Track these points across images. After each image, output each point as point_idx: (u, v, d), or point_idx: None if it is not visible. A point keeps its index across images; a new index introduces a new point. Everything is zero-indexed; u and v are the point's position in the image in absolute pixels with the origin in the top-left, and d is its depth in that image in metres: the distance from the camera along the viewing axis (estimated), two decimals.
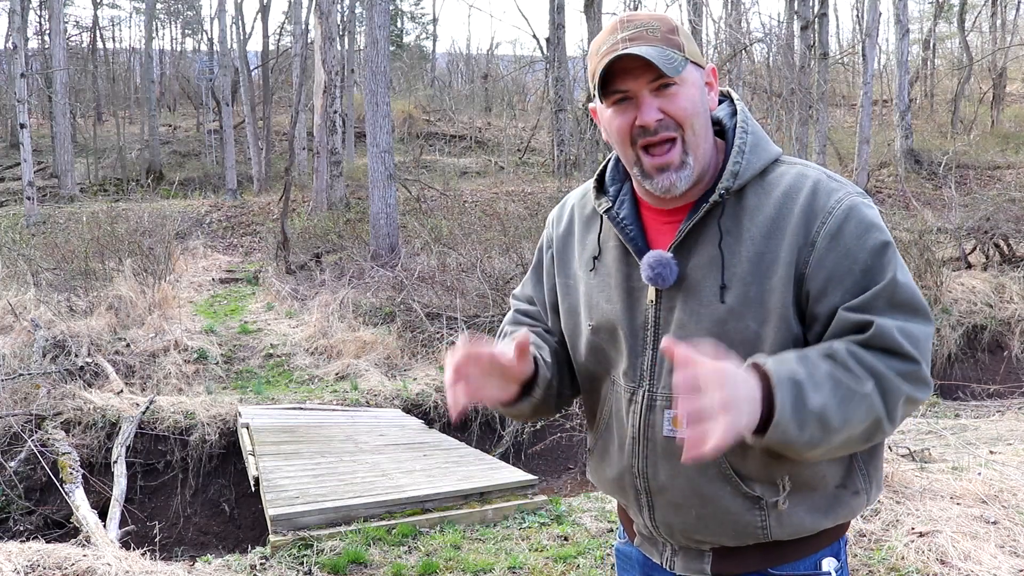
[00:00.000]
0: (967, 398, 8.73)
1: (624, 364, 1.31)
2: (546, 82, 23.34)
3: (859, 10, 23.23)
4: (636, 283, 1.28)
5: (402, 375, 8.34)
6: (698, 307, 1.22)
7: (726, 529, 1.25)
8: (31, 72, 22.47)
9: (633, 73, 1.19)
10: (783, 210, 1.20)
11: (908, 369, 1.12)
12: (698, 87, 1.24)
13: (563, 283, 1.42)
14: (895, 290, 1.15)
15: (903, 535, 3.48)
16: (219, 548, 5.68)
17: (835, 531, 1.29)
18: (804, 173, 1.23)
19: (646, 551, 1.41)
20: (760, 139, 1.27)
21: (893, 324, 1.13)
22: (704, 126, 1.24)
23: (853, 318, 1.14)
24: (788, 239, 1.18)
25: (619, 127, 1.23)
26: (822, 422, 1.07)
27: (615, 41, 1.20)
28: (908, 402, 1.14)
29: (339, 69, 18.04)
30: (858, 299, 1.15)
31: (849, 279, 1.15)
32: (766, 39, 17.80)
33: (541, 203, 14.62)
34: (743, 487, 1.22)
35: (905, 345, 1.12)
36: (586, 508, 4.61)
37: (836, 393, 1.08)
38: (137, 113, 28.50)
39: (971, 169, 17.55)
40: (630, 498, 1.34)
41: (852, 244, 1.16)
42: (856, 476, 1.26)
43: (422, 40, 40.56)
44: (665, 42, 1.20)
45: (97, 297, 9.59)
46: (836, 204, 1.18)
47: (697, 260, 1.23)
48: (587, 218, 1.40)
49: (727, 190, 1.21)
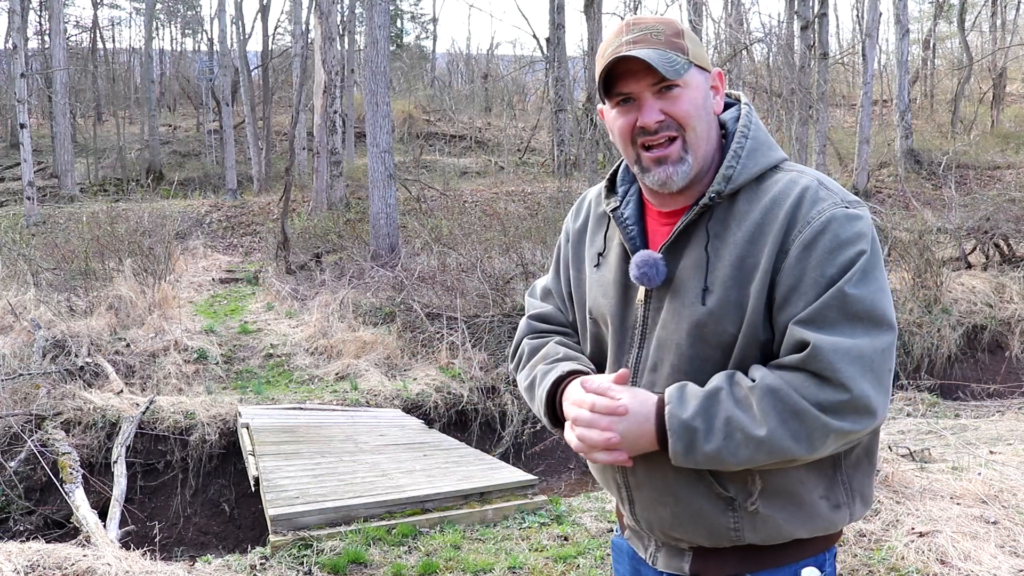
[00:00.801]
0: (967, 398, 8.73)
1: (611, 359, 1.35)
2: (546, 82, 23.35)
3: (859, 10, 23.23)
4: (631, 282, 1.31)
5: (402, 375, 8.34)
6: (681, 308, 1.23)
7: (700, 528, 1.26)
8: (31, 72, 22.48)
9: (636, 75, 1.22)
10: (768, 216, 1.20)
11: (836, 400, 1.10)
12: (701, 90, 1.25)
13: (575, 276, 1.47)
14: (847, 299, 1.12)
15: (903, 535, 3.48)
16: (219, 548, 5.68)
17: (818, 542, 1.28)
18: (796, 180, 1.23)
19: (634, 544, 1.45)
20: (761, 144, 1.27)
21: (833, 344, 1.10)
22: (706, 128, 1.26)
23: (796, 334, 1.14)
24: (769, 245, 1.18)
25: (621, 127, 1.26)
26: (720, 463, 1.15)
27: (619, 43, 1.22)
28: (839, 435, 1.12)
29: (339, 69, 18.04)
30: (807, 311, 1.13)
31: (813, 291, 1.14)
32: (766, 39, 17.79)
33: (541, 203, 14.63)
34: (716, 487, 1.23)
35: (840, 372, 1.09)
36: (586, 508, 4.61)
37: (732, 439, 1.13)
38: (137, 113, 28.49)
39: (971, 169, 17.55)
40: (614, 490, 1.38)
41: (822, 257, 1.15)
42: (839, 490, 1.25)
43: (422, 40, 40.59)
44: (669, 45, 1.22)
45: (97, 297, 9.59)
46: (817, 215, 1.17)
47: (685, 262, 1.25)
48: (599, 216, 1.43)
49: (718, 194, 1.23)
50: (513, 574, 3.67)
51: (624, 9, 25.35)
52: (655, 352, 1.27)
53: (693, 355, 1.22)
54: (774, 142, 1.30)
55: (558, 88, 19.23)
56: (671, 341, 1.24)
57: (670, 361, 1.24)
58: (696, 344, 1.21)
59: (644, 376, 1.28)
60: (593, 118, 14.60)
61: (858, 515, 1.28)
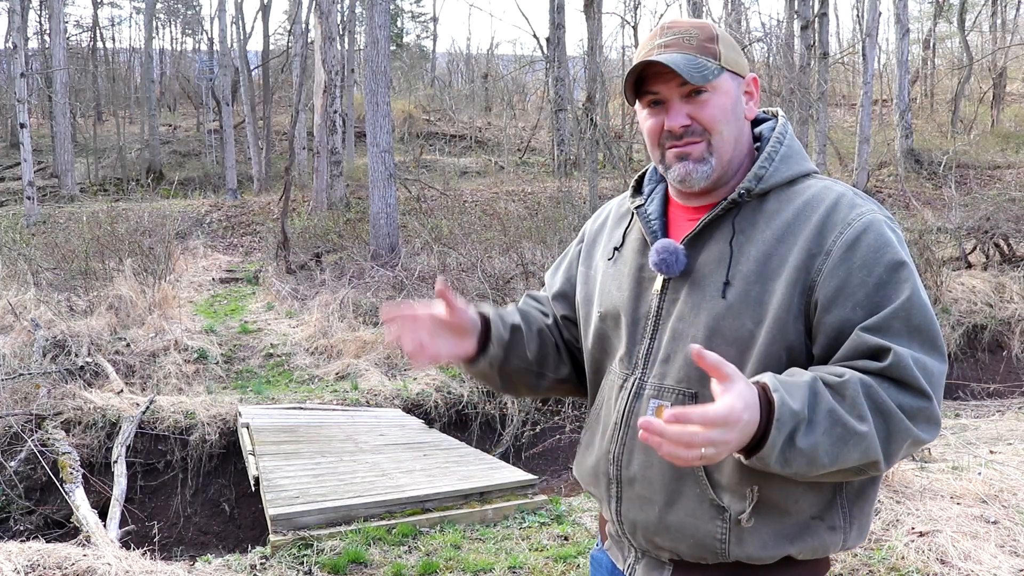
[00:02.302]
0: (967, 398, 8.73)
1: (622, 350, 1.33)
2: (546, 82, 23.34)
3: (859, 10, 23.21)
4: (647, 273, 1.31)
5: (402, 375, 8.34)
6: (700, 300, 1.23)
7: (685, 536, 1.22)
8: (31, 72, 22.48)
9: (664, 78, 1.23)
10: (800, 217, 1.20)
11: (920, 407, 1.08)
12: (731, 96, 1.26)
13: (584, 272, 1.47)
14: (911, 312, 1.12)
15: (903, 535, 3.48)
16: (219, 548, 5.68)
17: (806, 567, 1.24)
18: (831, 187, 1.24)
19: (613, 556, 1.41)
20: (796, 152, 1.28)
21: (910, 354, 1.09)
22: (734, 133, 1.26)
23: (870, 341, 1.11)
24: (800, 245, 1.18)
25: (650, 128, 1.28)
26: (810, 460, 1.05)
27: (651, 47, 1.25)
28: (914, 444, 1.10)
29: (339, 69, 18.04)
30: (874, 318, 1.12)
31: (861, 291, 1.13)
32: (766, 39, 17.80)
33: (541, 203, 14.62)
34: (710, 493, 1.20)
35: (920, 379, 1.09)
36: (586, 508, 4.61)
37: (831, 433, 1.05)
38: (137, 113, 28.48)
39: (971, 169, 17.54)
40: (602, 487, 1.34)
41: (869, 256, 1.14)
42: (836, 512, 1.21)
43: (422, 40, 40.60)
44: (700, 50, 1.23)
45: (97, 297, 9.59)
46: (857, 217, 1.18)
47: (707, 255, 1.24)
48: (620, 215, 1.45)
49: (747, 191, 1.23)
50: (513, 574, 3.67)
51: (624, 9, 25.34)
52: (668, 344, 1.25)
53: (707, 350, 1.21)
54: (807, 155, 1.31)
55: (558, 88, 19.23)
56: (686, 333, 1.23)
57: (683, 354, 1.22)
58: (712, 338, 1.20)
59: (655, 367, 1.26)
60: (593, 117, 14.60)
61: (852, 543, 1.24)
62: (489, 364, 1.40)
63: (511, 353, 1.41)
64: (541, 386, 1.49)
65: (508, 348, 1.40)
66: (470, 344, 1.36)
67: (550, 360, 1.47)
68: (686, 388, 1.23)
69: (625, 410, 1.29)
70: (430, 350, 1.30)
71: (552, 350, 1.47)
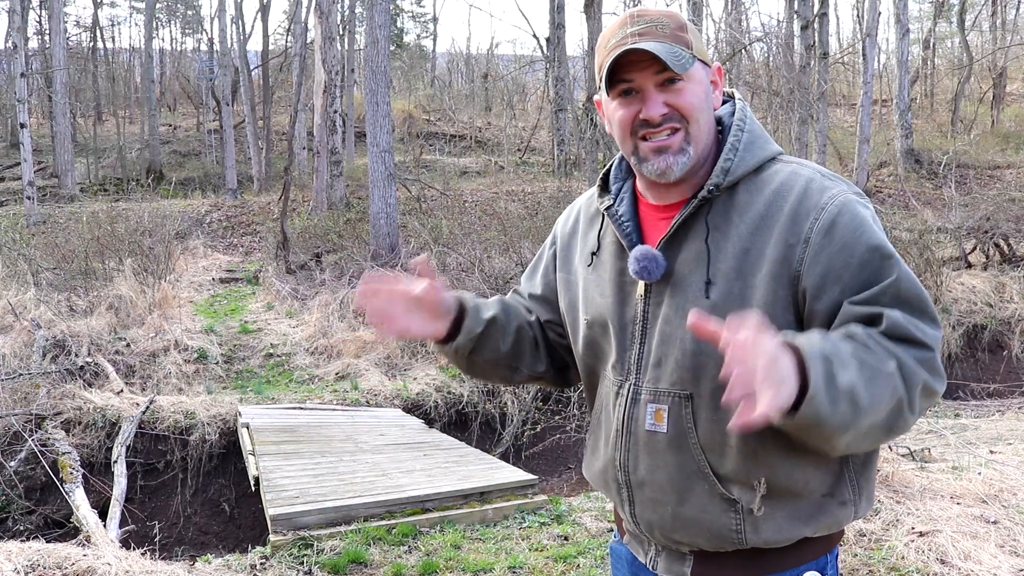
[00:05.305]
0: (967, 398, 8.73)
1: (613, 357, 1.33)
2: (546, 82, 23.35)
3: (859, 10, 23.21)
4: (628, 278, 1.30)
5: (402, 375, 8.34)
6: (684, 302, 1.22)
7: (701, 530, 1.24)
8: (31, 72, 22.46)
9: (640, 67, 1.21)
10: (772, 208, 1.19)
11: (924, 356, 1.10)
12: (704, 85, 1.25)
13: (564, 279, 1.46)
14: (900, 286, 1.13)
15: (903, 535, 3.48)
16: (219, 548, 5.68)
17: (820, 543, 1.26)
18: (798, 172, 1.23)
19: (633, 549, 1.42)
20: (757, 137, 1.27)
21: (902, 315, 1.10)
22: (708, 123, 1.25)
23: (861, 311, 1.12)
24: (776, 237, 1.17)
25: (622, 118, 1.25)
26: (852, 400, 1.02)
27: (624, 35, 1.22)
28: (925, 391, 1.10)
29: (339, 69, 18.04)
30: (863, 294, 1.12)
31: (847, 273, 1.13)
32: (766, 39, 17.80)
33: (541, 203, 14.61)
34: (719, 487, 1.21)
35: (917, 334, 1.10)
36: (586, 508, 4.61)
37: (862, 372, 1.04)
38: (137, 113, 28.49)
39: (971, 169, 17.54)
40: (613, 492, 1.35)
41: (848, 238, 1.14)
42: (845, 486, 1.23)
43: (422, 40, 40.59)
44: (674, 39, 1.21)
45: (97, 297, 9.59)
46: (829, 200, 1.17)
47: (685, 255, 1.24)
48: (591, 216, 1.43)
49: (716, 187, 1.22)
50: (513, 574, 3.67)
51: (624, 9, 25.35)
52: (658, 348, 1.25)
53: (696, 350, 1.20)
54: (769, 136, 1.29)
55: (558, 88, 19.22)
56: (675, 336, 1.23)
57: (674, 357, 1.23)
58: (700, 339, 1.19)
59: (648, 372, 1.26)
60: (593, 117, 14.59)
61: (863, 512, 1.26)
62: (455, 351, 1.40)
63: (482, 345, 1.40)
64: (515, 379, 1.50)
65: (479, 340, 1.39)
66: (441, 327, 1.37)
67: (526, 356, 1.46)
68: (680, 390, 1.23)
69: (625, 417, 1.29)
70: (398, 324, 1.31)
71: (529, 346, 1.47)
